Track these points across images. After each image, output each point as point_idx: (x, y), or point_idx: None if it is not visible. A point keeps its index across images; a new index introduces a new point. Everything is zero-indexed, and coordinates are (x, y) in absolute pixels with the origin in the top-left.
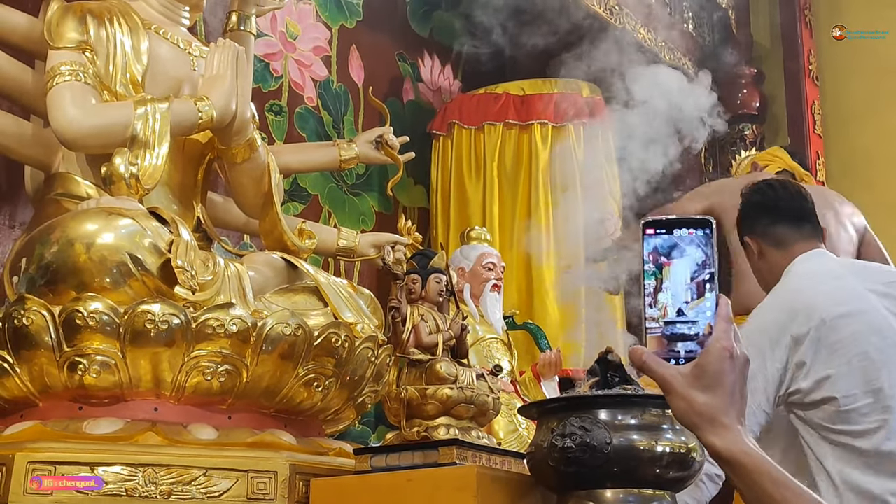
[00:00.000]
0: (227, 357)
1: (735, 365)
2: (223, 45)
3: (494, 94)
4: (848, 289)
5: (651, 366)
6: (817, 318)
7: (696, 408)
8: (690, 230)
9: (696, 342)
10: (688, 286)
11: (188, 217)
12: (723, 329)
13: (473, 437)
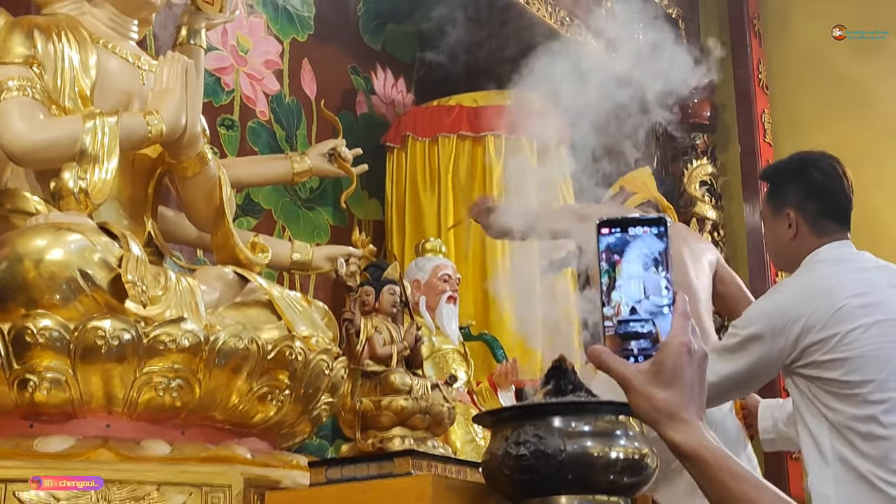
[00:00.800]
0: (179, 372)
1: (693, 360)
2: (172, 59)
3: (448, 106)
4: (869, 280)
5: (609, 364)
6: (837, 304)
7: (655, 404)
8: (644, 228)
9: (650, 340)
10: (641, 284)
11: (139, 232)
12: (680, 325)
13: (429, 446)
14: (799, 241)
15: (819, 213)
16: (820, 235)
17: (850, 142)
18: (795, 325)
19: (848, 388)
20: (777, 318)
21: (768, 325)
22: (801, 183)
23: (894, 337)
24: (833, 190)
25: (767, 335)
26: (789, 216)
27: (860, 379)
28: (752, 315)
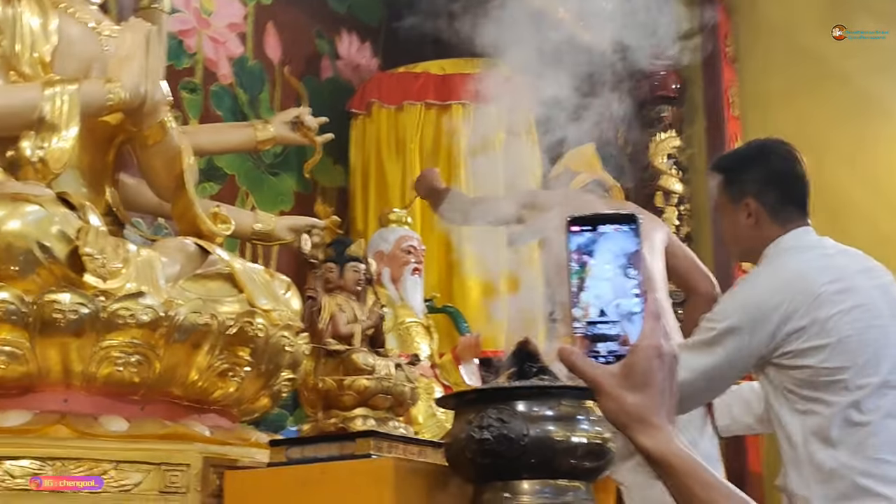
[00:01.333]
0: (138, 347)
1: (664, 363)
2: (134, 25)
3: (414, 73)
4: (840, 266)
5: (579, 366)
6: (815, 291)
7: (625, 408)
8: (615, 226)
9: (619, 342)
10: (611, 285)
11: (98, 201)
12: (651, 327)
13: (390, 427)
14: (760, 230)
15: (780, 200)
16: (782, 223)
17: (816, 117)
18: (774, 315)
19: (827, 375)
20: (754, 309)
21: (746, 317)
22: (759, 171)
23: (871, 322)
24: (792, 176)
25: (746, 327)
26: (749, 205)
27: (840, 365)
28: (727, 308)
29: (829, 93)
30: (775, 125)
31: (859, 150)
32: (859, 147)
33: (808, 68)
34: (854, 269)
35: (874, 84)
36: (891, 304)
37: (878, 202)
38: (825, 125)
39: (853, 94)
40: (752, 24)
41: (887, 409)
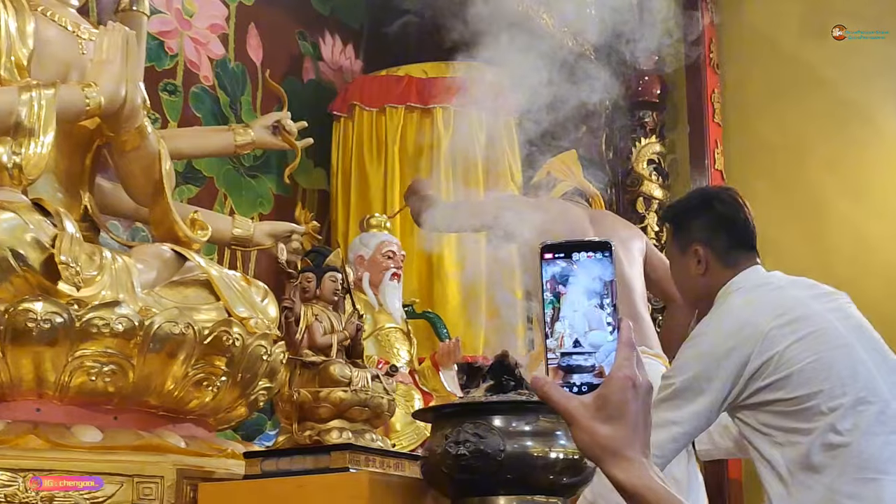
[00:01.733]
0: (112, 356)
1: (638, 394)
2: (113, 29)
3: (396, 76)
4: (789, 298)
5: (553, 396)
6: (764, 329)
7: (598, 440)
8: (589, 253)
9: (593, 374)
10: (585, 315)
11: (75, 206)
12: (625, 356)
13: (367, 439)
14: (710, 276)
15: (727, 245)
16: (732, 266)
17: (798, 124)
18: (727, 363)
19: (797, 404)
20: (708, 359)
21: (700, 369)
22: (705, 218)
23: (831, 344)
24: (738, 221)
25: (702, 379)
26: (697, 252)
27: (807, 392)
28: (681, 362)
29: (810, 98)
30: (757, 131)
31: (841, 155)
32: (841, 152)
33: (791, 74)
34: (805, 298)
35: (855, 90)
36: (850, 324)
37: (859, 206)
38: (807, 130)
39: (835, 100)
40: (735, 31)
41: (865, 427)
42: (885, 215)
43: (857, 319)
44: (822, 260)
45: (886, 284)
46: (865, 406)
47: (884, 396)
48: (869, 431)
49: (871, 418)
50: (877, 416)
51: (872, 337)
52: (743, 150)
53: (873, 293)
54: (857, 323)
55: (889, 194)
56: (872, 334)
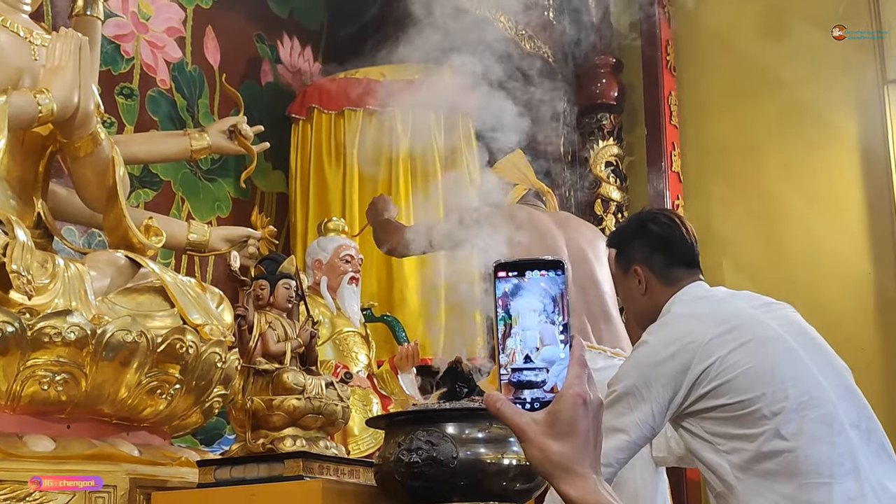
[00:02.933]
0: (64, 365)
1: (588, 411)
2: (65, 35)
3: (355, 78)
4: (729, 308)
5: (506, 413)
6: (704, 339)
7: (550, 456)
8: (542, 272)
9: (544, 389)
10: (536, 331)
11: (28, 213)
12: (576, 374)
13: (321, 447)
14: (652, 295)
15: (665, 263)
16: (672, 284)
17: (755, 125)
18: (668, 368)
19: (740, 409)
20: (648, 367)
21: (640, 377)
22: (642, 240)
23: (774, 349)
24: (675, 239)
25: (641, 385)
26: (637, 272)
27: (749, 396)
28: (623, 370)
29: (766, 100)
30: (713, 133)
31: (796, 157)
32: (796, 153)
33: (747, 76)
34: (748, 308)
35: (810, 91)
36: (795, 331)
37: (812, 208)
38: (763, 132)
39: (790, 102)
40: (692, 33)
41: (810, 431)
42: (839, 216)
43: (800, 326)
44: (777, 260)
45: (841, 284)
46: (809, 410)
47: (829, 398)
48: (814, 435)
49: (816, 421)
50: (821, 418)
51: (817, 342)
52: (700, 152)
53: (828, 293)
54: (800, 329)
55: (843, 195)
56: (817, 340)
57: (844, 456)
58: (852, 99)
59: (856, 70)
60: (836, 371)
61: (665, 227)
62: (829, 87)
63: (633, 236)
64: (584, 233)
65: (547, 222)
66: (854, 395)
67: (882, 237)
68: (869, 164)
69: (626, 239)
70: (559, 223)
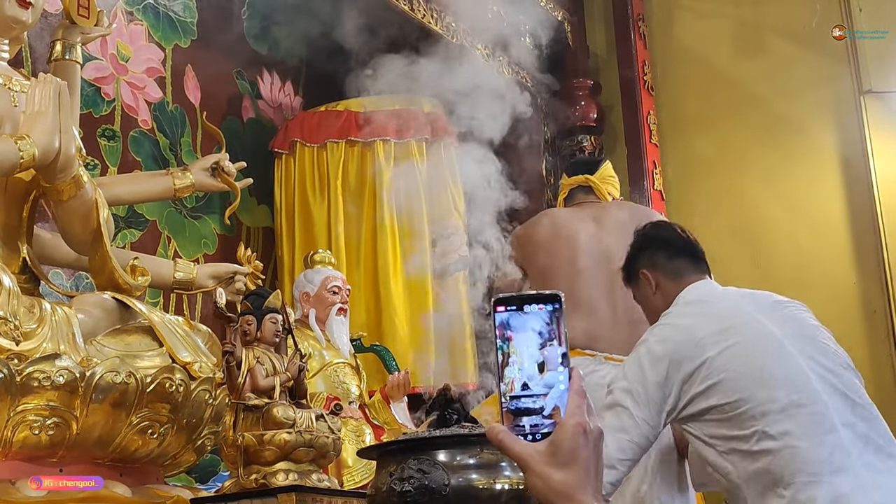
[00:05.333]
0: (55, 409)
1: (589, 440)
2: (44, 80)
3: (336, 111)
4: (731, 307)
5: (507, 443)
6: (697, 337)
7: (552, 485)
8: (539, 305)
9: (542, 416)
10: (533, 360)
11: (14, 258)
12: (576, 404)
13: (314, 480)
14: (662, 293)
15: (667, 257)
16: (678, 279)
17: (734, 141)
18: (661, 367)
19: (731, 410)
20: (644, 366)
21: (637, 377)
22: (641, 246)
23: (761, 352)
24: (669, 236)
25: (638, 385)
26: (645, 275)
27: (738, 397)
28: (624, 369)
29: (744, 115)
30: (694, 149)
31: (777, 170)
32: (776, 166)
33: (724, 93)
34: (749, 307)
35: (787, 105)
36: (793, 332)
37: (796, 219)
38: (743, 147)
39: (768, 116)
40: (668, 52)
41: (799, 430)
42: (822, 226)
43: (800, 326)
44: (763, 272)
45: (826, 293)
46: (798, 409)
47: (819, 398)
48: (802, 434)
49: (805, 420)
50: (810, 417)
51: (815, 341)
52: (681, 169)
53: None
54: (799, 329)
55: (825, 204)
56: (816, 339)
57: (834, 454)
58: (830, 110)
59: (832, 82)
60: (832, 371)
61: (658, 229)
62: (807, 100)
63: (634, 248)
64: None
65: (574, 225)
66: (850, 395)
67: (865, 245)
68: (849, 173)
69: (630, 255)
70: (597, 217)
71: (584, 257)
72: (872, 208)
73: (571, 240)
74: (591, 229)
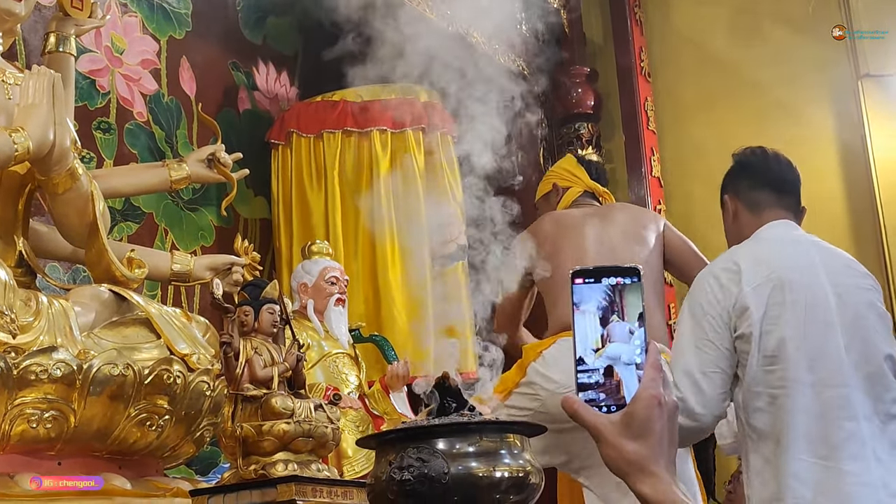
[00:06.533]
0: (52, 402)
1: (664, 412)
2: (38, 73)
3: (332, 101)
4: (804, 258)
5: (582, 414)
6: (772, 274)
7: (625, 456)
8: (619, 279)
9: (598, 390)
10: (613, 335)
11: (10, 252)
12: (651, 377)
13: (313, 470)
14: (740, 222)
15: (751, 187)
16: (758, 211)
17: (731, 127)
18: (725, 277)
19: (765, 365)
20: (713, 281)
21: (696, 300)
22: (731, 172)
23: (808, 318)
24: (758, 164)
25: (697, 308)
26: (727, 202)
27: (773, 355)
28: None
29: (742, 101)
30: (692, 135)
31: None
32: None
33: (721, 78)
34: (819, 262)
35: (785, 90)
36: (845, 309)
37: None
38: (740, 133)
39: (765, 101)
40: (665, 39)
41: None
42: (821, 211)
43: (855, 305)
44: None
45: None
46: (826, 388)
47: (848, 383)
48: (824, 417)
49: (830, 401)
50: (836, 399)
51: (860, 325)
52: (678, 156)
53: None
54: (853, 308)
55: (823, 190)
56: (861, 323)
57: (849, 441)
58: (827, 95)
59: (829, 66)
60: (868, 360)
61: (749, 155)
62: (804, 85)
63: (728, 174)
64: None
65: (579, 221)
66: (878, 387)
67: (864, 229)
68: (847, 158)
69: (723, 180)
70: (601, 217)
71: (591, 252)
72: (871, 192)
73: (578, 235)
74: (597, 226)
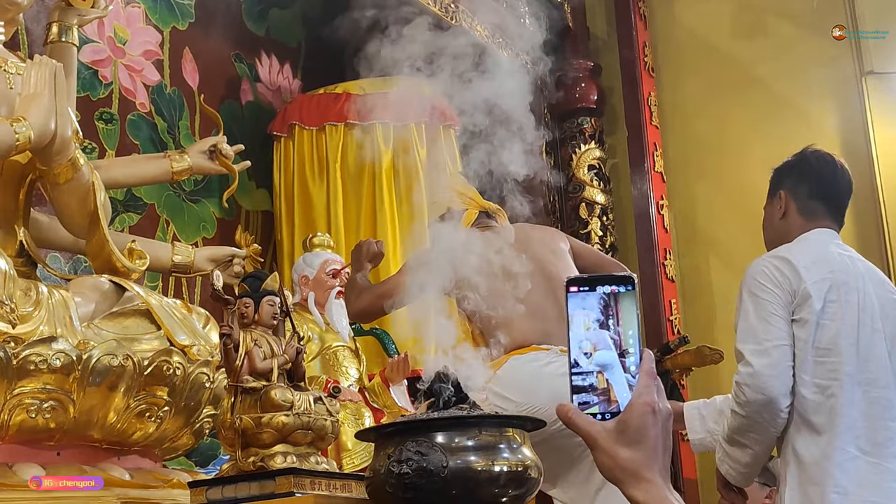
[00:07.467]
0: (51, 392)
1: (657, 419)
2: (40, 63)
3: (334, 93)
4: (853, 266)
5: (576, 421)
6: (829, 274)
7: (619, 463)
8: (613, 287)
9: (591, 393)
10: (606, 341)
11: (10, 241)
12: (645, 384)
13: (312, 462)
14: (787, 221)
15: (809, 195)
16: (809, 218)
17: (734, 122)
18: (786, 268)
19: (817, 356)
20: (772, 267)
21: (757, 279)
22: (796, 169)
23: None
24: (824, 174)
25: (760, 285)
26: (781, 197)
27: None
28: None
29: (745, 97)
30: (695, 131)
31: (777, 152)
32: (778, 148)
33: (725, 74)
34: (864, 270)
35: (788, 86)
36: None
37: None
38: (743, 128)
39: (769, 97)
40: (669, 34)
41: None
42: None
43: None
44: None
45: None
46: (871, 388)
47: (890, 385)
48: (870, 415)
49: (875, 400)
50: (880, 400)
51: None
52: (682, 151)
53: None
54: (893, 320)
55: None
56: None
57: (893, 440)
58: (831, 91)
59: (833, 62)
60: None
61: (819, 160)
62: (807, 81)
63: (789, 166)
64: (544, 238)
65: (503, 243)
66: None
67: (866, 226)
68: (850, 154)
69: (782, 170)
70: (518, 241)
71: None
72: (874, 189)
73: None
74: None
